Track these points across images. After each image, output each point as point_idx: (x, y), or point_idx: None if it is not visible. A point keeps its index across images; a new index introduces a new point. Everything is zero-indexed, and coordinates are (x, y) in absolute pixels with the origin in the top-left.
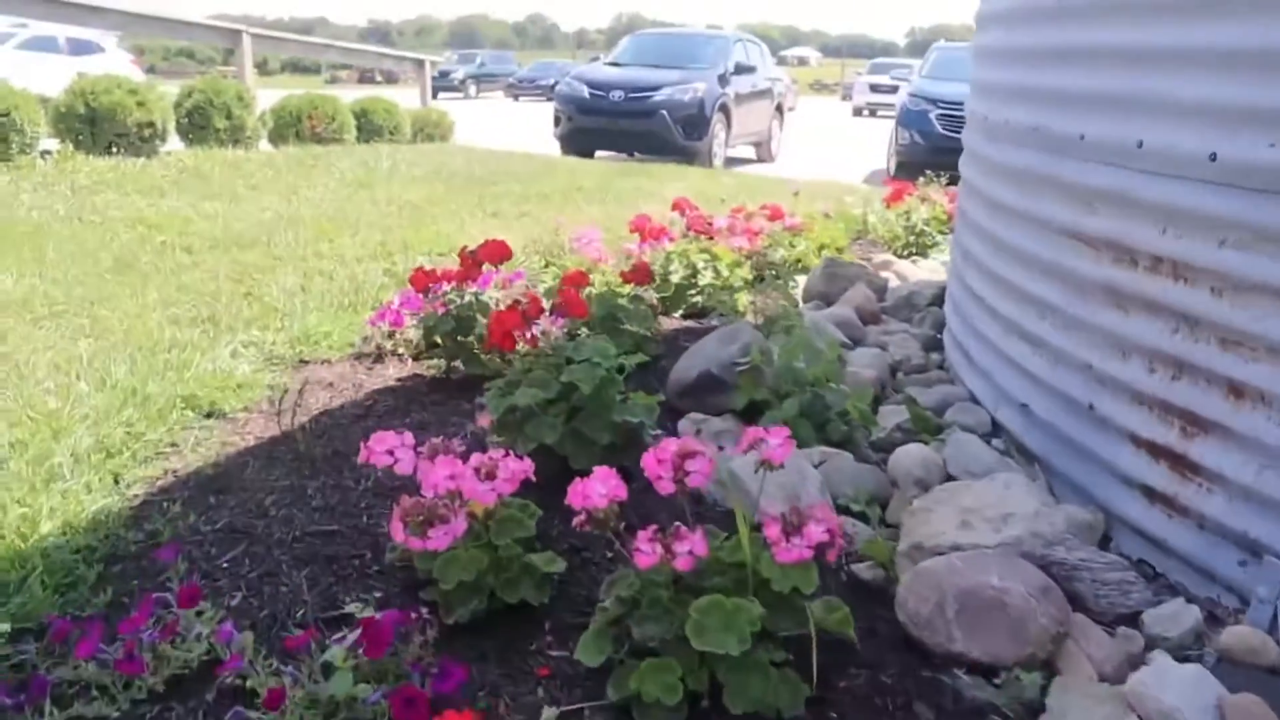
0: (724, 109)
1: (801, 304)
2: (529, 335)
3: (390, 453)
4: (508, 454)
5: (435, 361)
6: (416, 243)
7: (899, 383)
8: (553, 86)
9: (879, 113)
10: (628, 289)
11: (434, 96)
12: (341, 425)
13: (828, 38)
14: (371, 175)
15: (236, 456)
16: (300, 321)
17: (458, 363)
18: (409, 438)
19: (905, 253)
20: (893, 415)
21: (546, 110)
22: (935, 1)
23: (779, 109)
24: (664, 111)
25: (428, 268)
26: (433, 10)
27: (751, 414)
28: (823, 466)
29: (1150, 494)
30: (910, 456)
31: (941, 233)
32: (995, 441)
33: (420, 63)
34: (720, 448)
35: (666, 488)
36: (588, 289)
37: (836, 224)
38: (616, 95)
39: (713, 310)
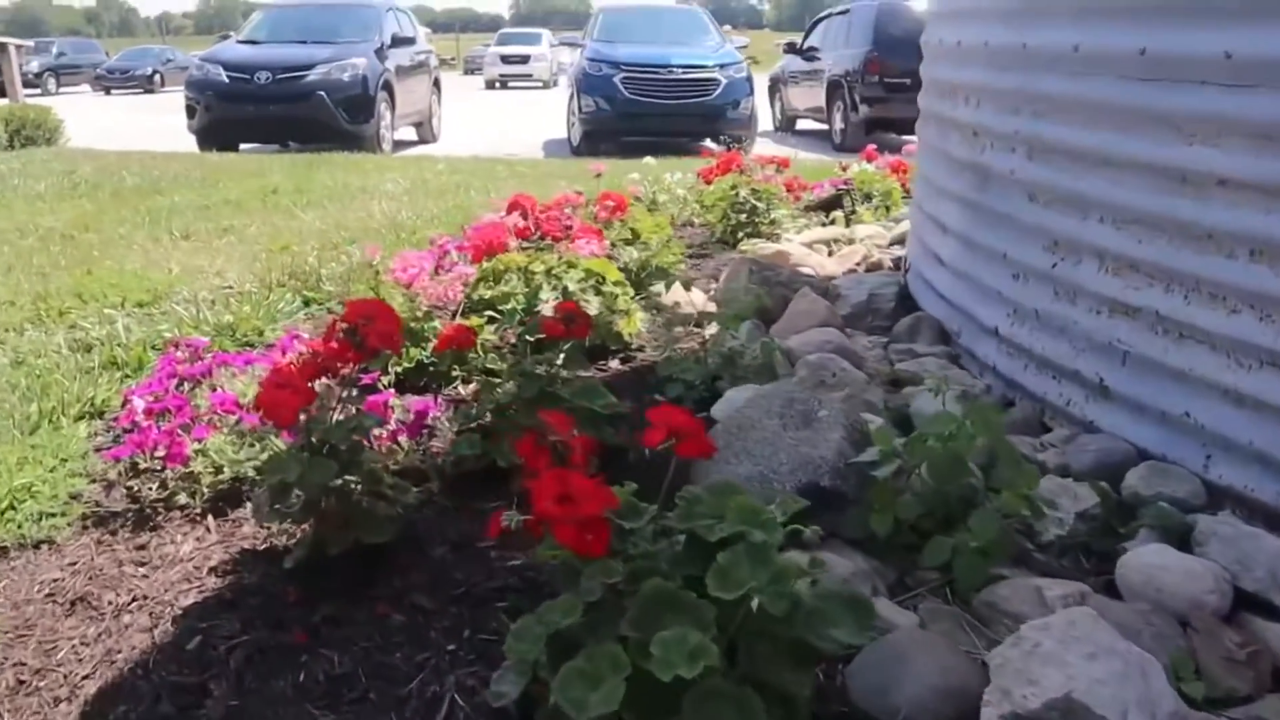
0: (387, 86)
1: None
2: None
3: None
4: None
5: (280, 525)
6: (95, 289)
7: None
8: (150, 76)
9: (510, 84)
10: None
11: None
12: None
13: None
14: None
15: None
16: None
17: (331, 532)
18: None
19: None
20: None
21: (155, 103)
22: None
23: (436, 84)
24: (322, 93)
25: (184, 342)
26: None
27: (895, 544)
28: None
29: None
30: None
31: (788, 213)
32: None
33: (2, 47)
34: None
35: None
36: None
37: (654, 214)
38: (262, 77)
39: (615, 351)
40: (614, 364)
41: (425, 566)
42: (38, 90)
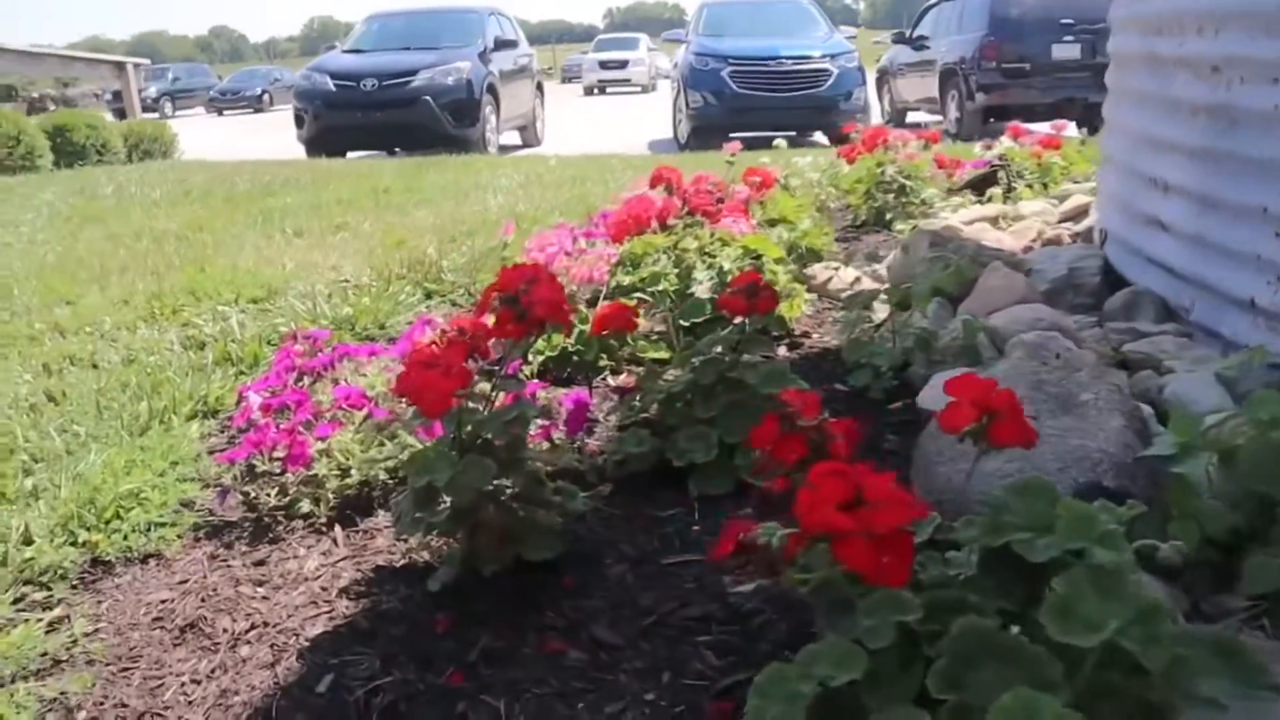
0: (491, 90)
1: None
2: None
3: None
4: None
5: (423, 538)
6: (208, 287)
7: None
8: (259, 96)
9: (608, 90)
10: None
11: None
12: None
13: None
14: (95, 204)
15: None
16: (72, 473)
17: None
18: None
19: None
20: None
21: (264, 121)
22: None
23: (539, 87)
24: (427, 97)
25: (302, 333)
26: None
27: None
28: None
29: None
30: None
31: (937, 192)
32: None
33: (120, 66)
34: None
35: None
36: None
37: (792, 195)
38: (369, 84)
39: (779, 336)
40: (780, 350)
41: (601, 588)
42: (155, 114)
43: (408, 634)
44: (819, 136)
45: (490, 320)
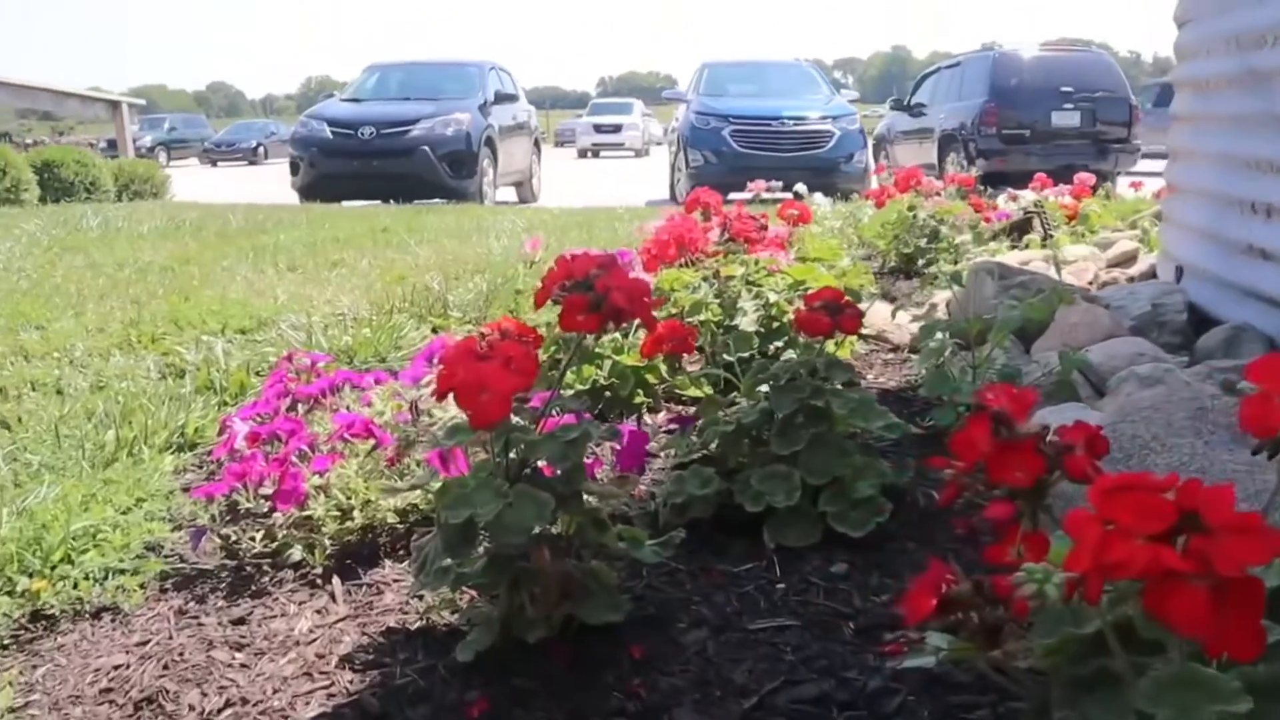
0: (490, 143)
1: (943, 346)
2: None
3: None
4: None
5: (446, 594)
6: (193, 316)
7: None
8: (254, 149)
9: (602, 153)
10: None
11: None
12: None
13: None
14: (79, 236)
15: None
16: (17, 507)
17: (537, 605)
18: None
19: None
20: None
21: (259, 172)
22: (621, 52)
23: (536, 144)
24: (425, 148)
25: (298, 355)
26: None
27: None
28: None
29: None
30: None
31: (970, 239)
32: None
33: (115, 105)
34: None
35: None
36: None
37: (826, 237)
38: (366, 132)
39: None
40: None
41: (679, 661)
42: None
43: (431, 718)
44: (819, 198)
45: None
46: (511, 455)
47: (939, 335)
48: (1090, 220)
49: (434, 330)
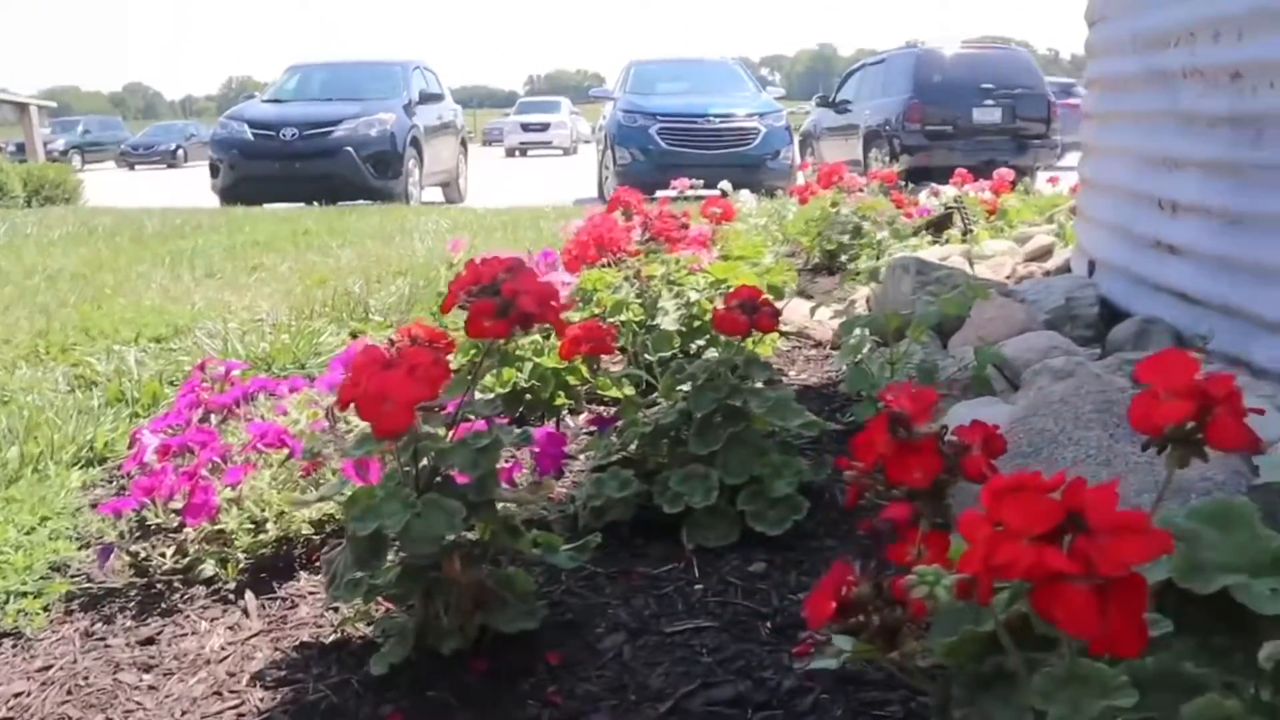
0: (415, 143)
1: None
2: None
3: None
4: None
5: (360, 606)
6: (105, 325)
7: None
8: (173, 151)
9: (530, 152)
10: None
11: None
12: None
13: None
14: None
15: None
16: None
17: (450, 616)
18: None
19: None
20: None
21: (179, 177)
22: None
23: (463, 144)
24: (349, 149)
25: (211, 363)
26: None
27: None
28: None
29: None
30: None
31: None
32: None
33: (23, 107)
34: None
35: None
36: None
37: (750, 234)
38: (288, 134)
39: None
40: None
41: (596, 666)
42: None
43: None
44: (745, 195)
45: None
46: (423, 463)
47: (858, 332)
48: (1009, 215)
49: (353, 335)
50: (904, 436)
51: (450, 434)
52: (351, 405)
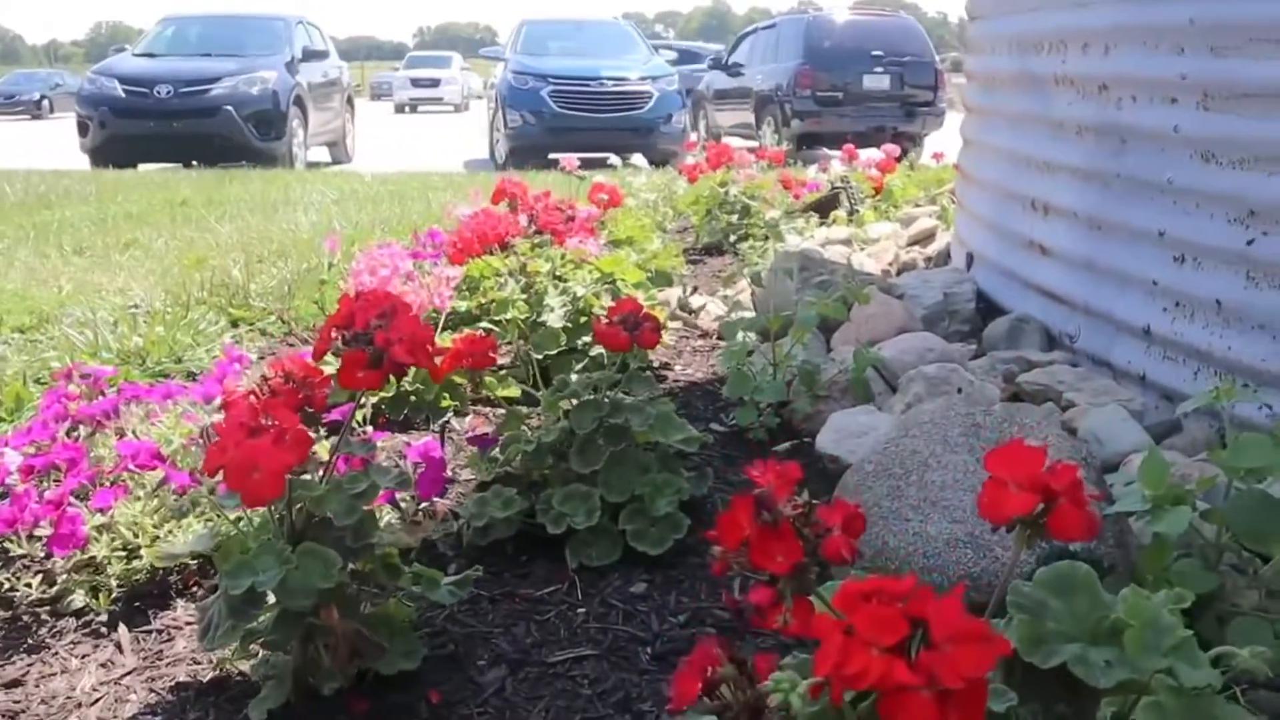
0: (299, 102)
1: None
2: None
3: None
4: None
5: (228, 652)
6: None
7: None
8: (38, 102)
9: (420, 108)
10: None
11: None
12: None
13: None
14: None
15: None
16: None
17: (330, 659)
18: None
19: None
20: None
21: (44, 129)
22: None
23: (349, 101)
24: (229, 107)
25: (79, 370)
26: None
27: None
28: None
29: None
30: None
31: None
32: None
33: None
34: None
35: None
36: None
37: (635, 214)
38: (163, 91)
39: (639, 369)
40: None
41: (477, 703)
42: None
43: None
44: (639, 160)
45: (328, 366)
46: (298, 507)
47: (740, 336)
48: (894, 195)
49: (233, 323)
50: (768, 520)
51: (327, 467)
52: (219, 472)
